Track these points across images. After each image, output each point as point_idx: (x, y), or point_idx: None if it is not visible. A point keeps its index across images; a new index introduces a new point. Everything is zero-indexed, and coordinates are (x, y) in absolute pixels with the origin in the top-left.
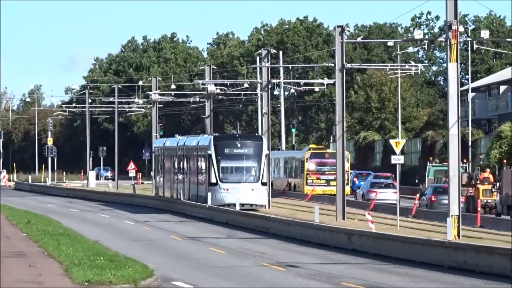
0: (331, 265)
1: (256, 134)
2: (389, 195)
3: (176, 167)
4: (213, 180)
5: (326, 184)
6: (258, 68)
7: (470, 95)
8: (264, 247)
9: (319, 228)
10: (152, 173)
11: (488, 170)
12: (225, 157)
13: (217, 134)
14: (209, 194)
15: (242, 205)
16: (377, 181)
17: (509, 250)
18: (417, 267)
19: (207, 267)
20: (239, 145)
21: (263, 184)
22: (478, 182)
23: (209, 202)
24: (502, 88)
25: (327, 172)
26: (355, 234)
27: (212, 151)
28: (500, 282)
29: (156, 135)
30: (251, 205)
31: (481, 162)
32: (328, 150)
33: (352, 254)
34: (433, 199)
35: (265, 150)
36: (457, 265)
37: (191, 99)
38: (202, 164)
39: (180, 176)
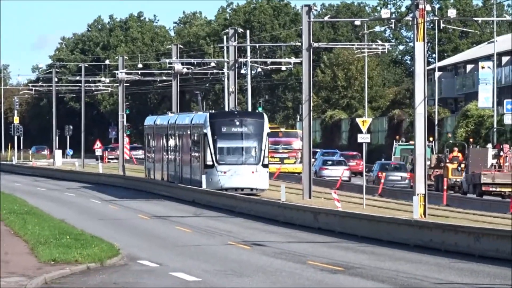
0: (297, 244)
1: (257, 111)
2: (339, 172)
3: (167, 148)
4: (209, 161)
5: (280, 162)
6: (225, 47)
7: (437, 74)
8: (231, 225)
9: (286, 207)
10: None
11: (456, 149)
12: (222, 136)
13: (213, 111)
14: (204, 177)
15: (241, 189)
16: (329, 159)
17: (474, 229)
18: (383, 245)
19: (173, 246)
20: (237, 123)
21: (264, 166)
22: (447, 161)
23: (204, 186)
24: (469, 67)
25: (280, 151)
26: (321, 213)
27: (208, 130)
28: (465, 260)
29: (123, 114)
30: (251, 189)
31: (450, 141)
32: (282, 130)
33: (318, 233)
34: (379, 175)
35: (266, 129)
36: (423, 244)
37: (158, 78)
38: (197, 144)
39: (172, 158)
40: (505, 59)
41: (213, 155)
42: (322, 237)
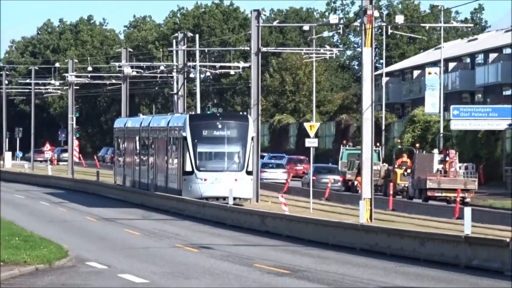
0: (245, 247)
1: (241, 113)
2: (278, 175)
3: (139, 152)
4: (188, 168)
5: None
6: (174, 51)
7: (384, 79)
8: (179, 228)
9: (233, 210)
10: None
11: (405, 155)
12: (203, 140)
13: (193, 113)
14: (184, 185)
15: (223, 198)
16: (268, 162)
17: (420, 233)
18: (329, 249)
19: (121, 248)
20: (220, 126)
21: (249, 173)
22: (396, 166)
23: (183, 195)
24: (416, 72)
25: None
26: (268, 217)
27: (187, 133)
28: (411, 264)
29: (72, 117)
30: (235, 198)
31: (398, 146)
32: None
33: (266, 236)
34: (314, 178)
35: (251, 132)
36: (369, 248)
37: (108, 81)
38: (174, 149)
39: (144, 163)
40: (451, 65)
41: (193, 161)
42: (269, 240)
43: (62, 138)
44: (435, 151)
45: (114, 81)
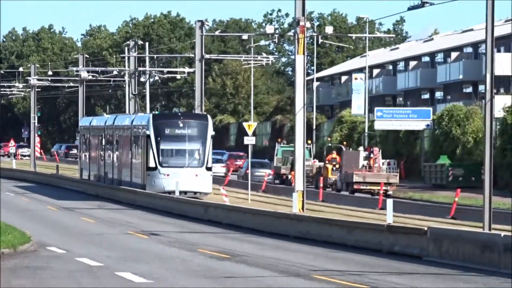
0: (189, 234)
1: (201, 113)
2: (217, 169)
3: (104, 149)
4: (152, 164)
5: None
6: (126, 57)
7: (315, 84)
8: (131, 217)
9: (179, 201)
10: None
11: (334, 152)
12: (165, 138)
13: (155, 112)
14: (148, 180)
15: (184, 192)
16: None
17: (347, 222)
18: (265, 236)
19: (79, 235)
20: (181, 125)
21: (208, 169)
22: (326, 162)
23: (147, 189)
24: (344, 78)
25: None
26: (211, 207)
27: (151, 131)
28: (339, 250)
29: (34, 116)
30: (195, 192)
31: (329, 144)
32: None
33: (209, 224)
34: (247, 171)
35: (210, 131)
36: (301, 235)
37: (66, 85)
38: (138, 146)
39: (109, 159)
40: (375, 71)
41: (156, 158)
42: (211, 228)
43: (25, 135)
44: (361, 148)
45: (72, 84)
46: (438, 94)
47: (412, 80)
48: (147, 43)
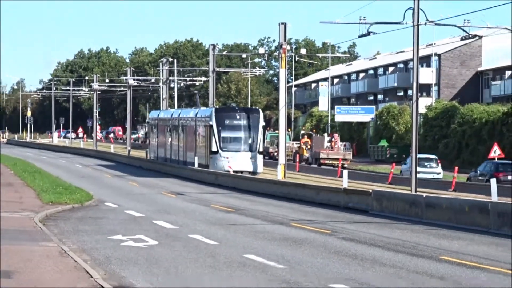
0: (205, 194)
1: (254, 107)
2: None
3: (171, 135)
4: (214, 148)
5: None
6: (161, 70)
7: (293, 89)
8: (165, 183)
9: (197, 171)
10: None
11: (306, 136)
12: (225, 127)
13: (218, 107)
14: (211, 161)
15: (241, 172)
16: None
17: (315, 186)
18: (258, 196)
19: (126, 194)
20: (238, 117)
21: (260, 153)
22: (301, 144)
23: (210, 168)
24: (313, 85)
25: None
26: (219, 175)
27: (213, 122)
28: (310, 206)
29: (96, 111)
30: (249, 172)
31: (302, 131)
32: None
33: (218, 188)
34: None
35: (261, 122)
36: (284, 195)
37: (118, 89)
38: (202, 134)
39: (175, 143)
40: (336, 80)
41: (218, 143)
42: (221, 190)
43: (89, 125)
44: (325, 134)
45: (122, 89)
46: (380, 97)
47: (361, 86)
48: (175, 60)
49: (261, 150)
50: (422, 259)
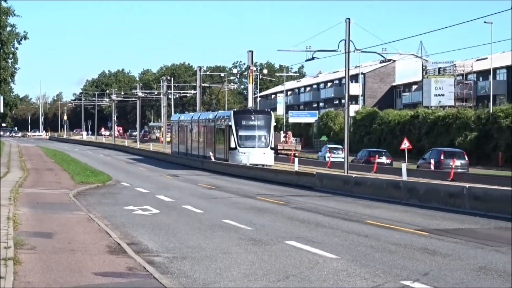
0: (194, 176)
1: (265, 109)
2: None
3: (191, 134)
4: (233, 145)
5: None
6: (162, 85)
7: (258, 99)
8: (163, 168)
9: (190, 159)
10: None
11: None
12: (242, 127)
13: (235, 109)
14: (230, 156)
15: (256, 165)
16: None
17: (275, 170)
18: (233, 177)
19: (137, 176)
20: (253, 118)
21: (272, 149)
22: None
23: (229, 162)
24: (273, 96)
25: None
26: (204, 161)
27: (232, 122)
28: (271, 184)
29: (114, 115)
30: (263, 165)
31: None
32: None
33: (204, 171)
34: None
35: (272, 122)
36: (252, 176)
37: (132, 99)
38: (221, 133)
39: (195, 141)
40: (289, 92)
41: (236, 141)
42: (205, 173)
43: (109, 126)
44: (281, 132)
45: (134, 99)
46: (321, 104)
47: (308, 97)
48: (172, 78)
49: (272, 146)
50: (352, 222)
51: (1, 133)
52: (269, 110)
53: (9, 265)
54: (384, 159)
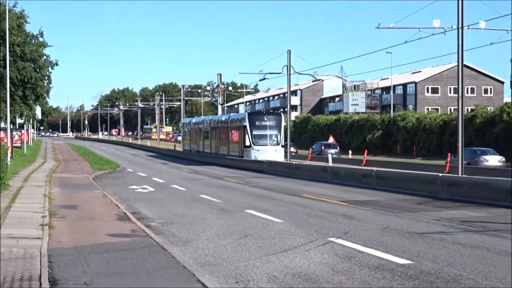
0: (178, 164)
1: (277, 111)
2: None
3: (205, 134)
4: (248, 143)
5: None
6: (156, 99)
7: (226, 108)
8: (161, 159)
9: (161, 149)
10: (179, 139)
11: None
12: (256, 127)
13: (249, 111)
14: (245, 153)
15: (268, 161)
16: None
17: (239, 159)
18: (205, 165)
19: (139, 164)
20: (265, 119)
21: (282, 146)
22: None
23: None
24: (236, 106)
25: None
26: (186, 153)
27: (247, 123)
28: (237, 169)
29: (121, 121)
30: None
31: None
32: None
33: (186, 159)
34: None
35: (283, 123)
36: (222, 164)
37: (133, 109)
38: (236, 132)
39: (208, 139)
40: (247, 103)
41: (251, 139)
42: (186, 162)
43: (118, 128)
44: None
45: (135, 109)
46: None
47: (261, 107)
48: (163, 93)
49: (282, 144)
50: (293, 196)
51: (43, 133)
52: (279, 112)
53: (45, 229)
54: (333, 151)
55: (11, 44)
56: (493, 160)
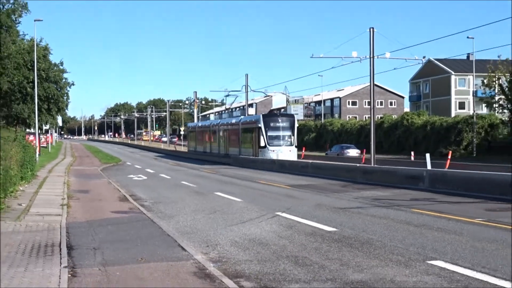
0: (173, 161)
1: (290, 113)
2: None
3: (212, 136)
4: (263, 144)
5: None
6: (148, 110)
7: (200, 117)
8: (158, 155)
9: (219, 155)
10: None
11: None
12: (270, 128)
13: (263, 113)
14: (260, 154)
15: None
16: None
17: (215, 155)
18: (191, 162)
19: (135, 159)
20: (279, 120)
21: (296, 147)
22: None
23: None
24: (208, 115)
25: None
26: (178, 151)
27: (261, 124)
28: (212, 163)
29: (122, 127)
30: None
31: None
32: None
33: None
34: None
35: (296, 124)
36: (203, 158)
37: (133, 117)
38: (249, 134)
39: (216, 141)
40: (216, 113)
41: (265, 140)
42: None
43: (120, 132)
44: None
45: (133, 118)
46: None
47: (226, 116)
48: (154, 106)
49: (296, 144)
50: (253, 182)
51: (64, 136)
52: (292, 113)
53: (64, 208)
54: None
55: (38, 70)
56: (353, 152)
